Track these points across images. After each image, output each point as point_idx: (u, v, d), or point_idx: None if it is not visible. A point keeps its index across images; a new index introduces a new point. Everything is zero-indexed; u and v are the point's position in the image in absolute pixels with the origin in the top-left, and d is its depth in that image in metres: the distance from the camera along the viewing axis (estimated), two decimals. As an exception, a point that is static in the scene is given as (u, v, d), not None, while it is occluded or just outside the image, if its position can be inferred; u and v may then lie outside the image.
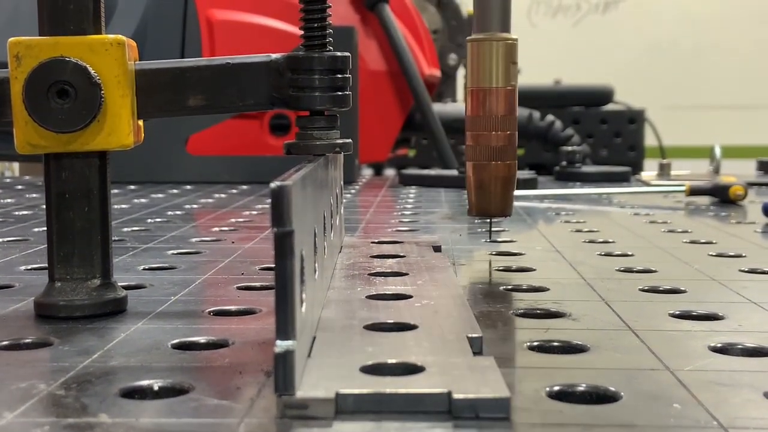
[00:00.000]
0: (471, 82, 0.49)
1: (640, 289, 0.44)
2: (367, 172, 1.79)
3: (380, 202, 0.95)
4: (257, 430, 0.24)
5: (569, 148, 1.25)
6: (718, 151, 1.27)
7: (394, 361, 0.28)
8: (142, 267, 0.51)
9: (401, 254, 0.51)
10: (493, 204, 0.50)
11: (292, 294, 0.24)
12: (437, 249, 0.53)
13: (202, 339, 0.34)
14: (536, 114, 1.47)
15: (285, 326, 0.24)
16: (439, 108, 1.34)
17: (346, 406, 0.25)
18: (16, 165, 2.08)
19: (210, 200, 0.96)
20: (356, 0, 1.30)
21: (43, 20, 0.38)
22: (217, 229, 0.70)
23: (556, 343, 0.33)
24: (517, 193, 0.89)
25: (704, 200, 0.94)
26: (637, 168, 1.82)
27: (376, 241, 0.57)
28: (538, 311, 0.39)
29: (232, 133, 1.22)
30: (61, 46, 0.37)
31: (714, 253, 0.56)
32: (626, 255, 0.56)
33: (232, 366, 0.30)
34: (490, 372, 0.27)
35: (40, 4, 0.38)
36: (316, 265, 0.32)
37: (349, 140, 0.41)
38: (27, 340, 0.34)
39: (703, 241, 0.62)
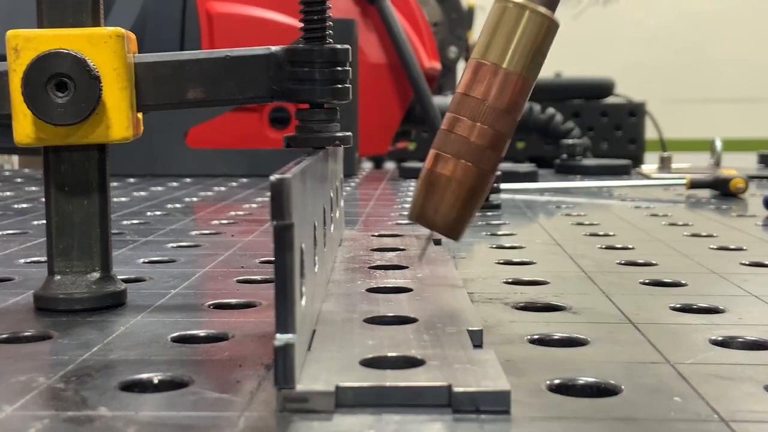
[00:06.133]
0: (477, 52, 0.37)
1: (640, 283, 0.44)
2: (367, 165, 1.79)
3: (380, 195, 0.95)
4: (257, 423, 0.24)
5: (570, 141, 1.25)
6: (718, 144, 1.26)
7: (394, 354, 0.28)
8: (141, 260, 0.51)
9: (401, 247, 0.51)
10: (440, 214, 0.35)
11: (292, 287, 0.24)
12: (437, 242, 0.53)
13: (201, 332, 0.34)
14: (537, 107, 1.47)
15: (285, 320, 0.24)
16: (439, 101, 1.33)
17: (346, 400, 0.25)
18: (15, 158, 2.08)
19: (210, 193, 0.96)
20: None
21: (42, 12, 0.37)
22: (216, 222, 0.70)
23: (556, 337, 0.33)
24: (517, 186, 0.88)
25: (705, 193, 0.93)
26: (638, 161, 1.82)
27: (376, 234, 0.57)
28: (539, 304, 0.39)
29: (232, 126, 1.21)
30: (60, 38, 0.36)
31: (715, 247, 0.56)
32: (627, 248, 0.56)
33: (232, 359, 0.30)
34: (490, 365, 0.27)
35: (38, -4, 0.37)
36: (316, 258, 0.32)
37: (349, 133, 0.41)
38: (26, 333, 0.34)
39: (704, 234, 0.62)
